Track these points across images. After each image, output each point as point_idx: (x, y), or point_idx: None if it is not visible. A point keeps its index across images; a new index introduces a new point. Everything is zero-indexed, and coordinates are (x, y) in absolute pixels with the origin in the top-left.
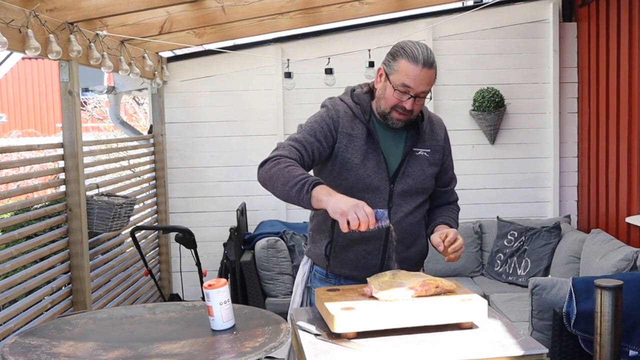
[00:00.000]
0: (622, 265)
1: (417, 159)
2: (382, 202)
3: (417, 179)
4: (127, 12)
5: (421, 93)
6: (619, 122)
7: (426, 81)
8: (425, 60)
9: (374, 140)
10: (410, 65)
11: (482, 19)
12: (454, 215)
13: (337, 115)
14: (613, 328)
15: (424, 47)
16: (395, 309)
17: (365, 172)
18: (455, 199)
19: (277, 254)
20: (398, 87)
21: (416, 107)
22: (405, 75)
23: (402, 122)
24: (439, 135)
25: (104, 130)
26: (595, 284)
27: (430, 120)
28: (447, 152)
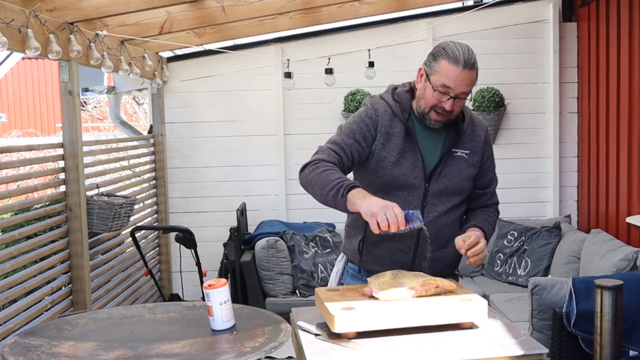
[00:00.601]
0: (622, 265)
1: (455, 159)
2: (417, 201)
3: (453, 180)
4: (127, 12)
5: (461, 94)
6: (619, 122)
7: (466, 82)
8: (466, 61)
9: (412, 139)
10: (450, 65)
11: (482, 19)
12: (490, 219)
13: (375, 114)
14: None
15: (466, 48)
16: (396, 309)
17: (400, 170)
18: (494, 202)
19: (277, 254)
20: (438, 87)
21: (456, 108)
22: (445, 76)
23: (441, 122)
24: (479, 136)
25: (104, 130)
26: (595, 284)
27: (471, 121)
28: (487, 154)
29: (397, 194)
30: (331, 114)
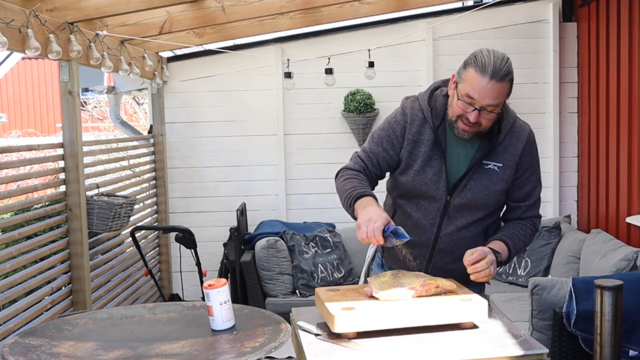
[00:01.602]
0: (622, 265)
1: (485, 172)
2: (435, 212)
3: (478, 194)
4: (127, 12)
5: (488, 106)
6: (619, 122)
7: (493, 95)
8: (495, 72)
9: (439, 148)
10: (477, 75)
11: (482, 19)
12: (521, 232)
13: (405, 120)
14: (613, 328)
15: (499, 58)
16: (396, 309)
17: (422, 179)
18: (530, 215)
19: (277, 254)
20: (463, 97)
21: (483, 120)
22: (470, 86)
23: (469, 133)
24: (516, 149)
25: (104, 130)
26: (595, 284)
27: (511, 131)
28: (524, 166)
29: (418, 202)
30: (331, 114)
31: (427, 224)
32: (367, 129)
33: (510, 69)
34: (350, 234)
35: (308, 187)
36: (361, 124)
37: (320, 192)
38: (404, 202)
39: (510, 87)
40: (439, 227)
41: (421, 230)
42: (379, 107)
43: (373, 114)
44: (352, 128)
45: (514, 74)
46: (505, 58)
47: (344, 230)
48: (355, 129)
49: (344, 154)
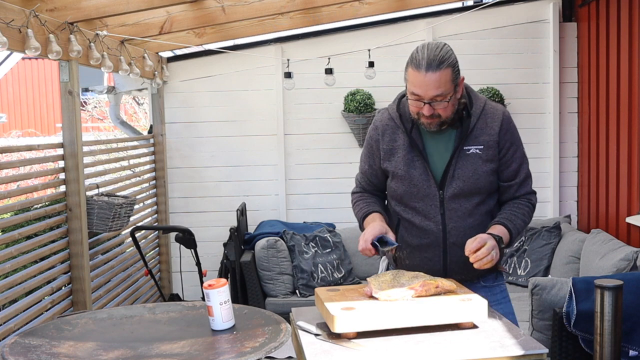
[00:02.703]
0: (622, 265)
1: (468, 158)
2: (434, 210)
3: (467, 180)
4: (127, 12)
5: (435, 97)
6: (619, 122)
7: (434, 85)
8: (429, 64)
9: (417, 148)
10: (413, 72)
11: (482, 19)
12: (519, 212)
13: (377, 133)
14: (613, 328)
15: (433, 49)
16: (395, 309)
17: (411, 182)
18: (524, 192)
19: (277, 254)
20: (411, 95)
21: (440, 111)
22: (411, 84)
23: (435, 125)
24: (492, 129)
25: (104, 130)
26: (596, 284)
27: (484, 113)
28: (506, 145)
29: (415, 206)
30: (331, 114)
31: (431, 224)
32: (367, 129)
33: (445, 55)
34: (350, 234)
35: (308, 187)
36: (361, 124)
37: (320, 192)
38: (403, 208)
39: (453, 71)
40: (443, 222)
41: (428, 232)
42: (379, 107)
43: (373, 114)
44: (352, 128)
45: (514, 74)
46: (439, 47)
47: (344, 230)
48: (355, 129)
49: (344, 154)
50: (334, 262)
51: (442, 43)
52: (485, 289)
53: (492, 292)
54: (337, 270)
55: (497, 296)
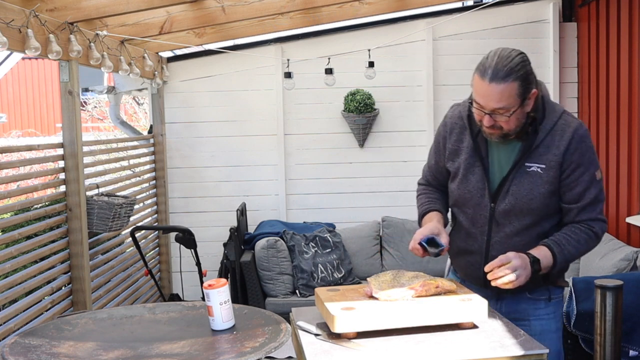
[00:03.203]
0: (622, 265)
1: (528, 175)
2: (483, 220)
3: (521, 199)
4: (127, 12)
5: (497, 110)
6: (619, 122)
7: (496, 97)
8: (494, 73)
9: (479, 154)
10: (478, 79)
11: (482, 19)
12: (572, 237)
13: (445, 130)
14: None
15: (504, 57)
16: (395, 309)
17: (466, 187)
18: (585, 218)
19: (277, 254)
20: (474, 102)
21: (502, 123)
22: (475, 91)
23: (497, 136)
24: (558, 148)
25: (104, 130)
26: (596, 284)
27: (555, 130)
28: (571, 165)
29: (466, 211)
30: (331, 114)
31: (476, 232)
32: (367, 129)
33: (515, 67)
34: (350, 234)
35: (308, 187)
36: (361, 124)
37: (320, 192)
38: (457, 210)
39: (521, 85)
40: (489, 234)
41: (473, 239)
42: (379, 107)
43: (373, 114)
44: (352, 128)
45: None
46: (511, 56)
47: (344, 230)
48: (355, 129)
49: (344, 154)
50: (334, 262)
51: (516, 52)
52: (529, 300)
53: (535, 305)
54: (337, 270)
55: (539, 311)
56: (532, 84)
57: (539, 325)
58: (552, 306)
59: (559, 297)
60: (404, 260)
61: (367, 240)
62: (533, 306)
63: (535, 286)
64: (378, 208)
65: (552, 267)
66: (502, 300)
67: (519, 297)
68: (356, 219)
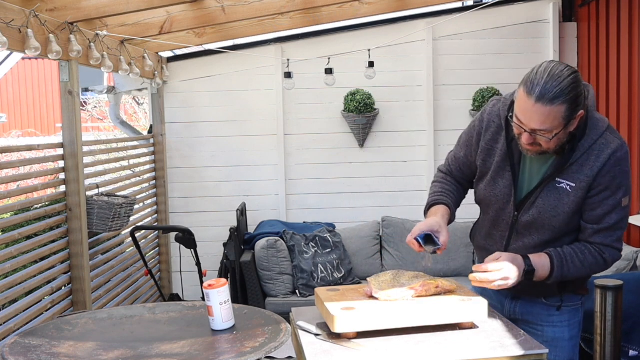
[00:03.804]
0: (622, 265)
1: (556, 191)
2: (505, 226)
3: (545, 214)
4: (127, 12)
5: (538, 131)
6: (619, 122)
7: (540, 119)
8: (542, 94)
9: (511, 160)
10: (524, 95)
11: (482, 19)
12: (578, 254)
13: (481, 126)
14: (613, 328)
15: (555, 76)
16: (395, 309)
17: (493, 191)
18: (597, 241)
19: (277, 254)
20: (515, 116)
21: (542, 142)
22: (518, 107)
23: (534, 153)
24: (592, 169)
25: (104, 130)
26: (595, 284)
27: (593, 149)
28: (599, 187)
29: (489, 213)
30: (331, 114)
31: (497, 235)
32: (367, 129)
33: (565, 89)
34: (350, 234)
35: (308, 187)
36: (361, 124)
37: (320, 192)
38: (482, 207)
39: (569, 108)
40: (508, 241)
41: (493, 240)
42: (379, 107)
43: (373, 114)
44: (352, 128)
45: (514, 74)
46: (563, 76)
47: (344, 230)
48: (355, 129)
49: (344, 154)
50: (334, 262)
51: (569, 71)
52: (544, 306)
53: (549, 312)
54: (337, 270)
55: (553, 317)
56: (580, 105)
57: (551, 332)
58: (567, 314)
59: (576, 304)
60: (404, 260)
61: (367, 240)
62: (547, 312)
63: (551, 293)
64: (378, 208)
65: (547, 278)
66: (517, 301)
67: (534, 301)
68: (356, 219)
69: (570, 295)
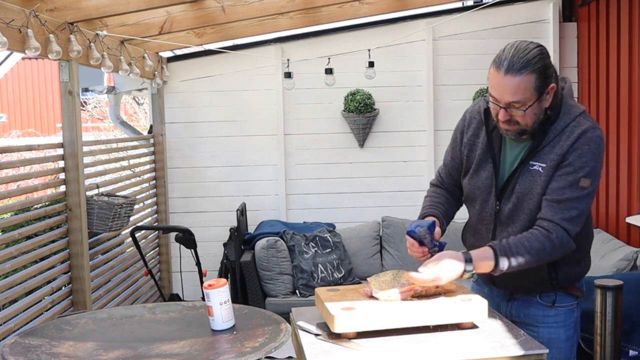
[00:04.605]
0: (622, 265)
1: (530, 174)
2: (489, 218)
3: (523, 198)
4: (127, 12)
5: (513, 103)
6: (619, 122)
7: (511, 90)
8: (510, 66)
9: (492, 151)
10: (493, 71)
11: (482, 19)
12: (522, 241)
13: (463, 124)
14: (613, 328)
15: (521, 49)
16: (395, 309)
17: (476, 183)
18: (548, 217)
19: (277, 254)
20: (490, 96)
21: (519, 118)
22: (490, 84)
23: (512, 132)
24: (562, 148)
25: (104, 130)
26: (596, 284)
27: (565, 131)
28: (564, 163)
29: (475, 207)
30: (331, 114)
31: (483, 229)
32: (367, 129)
33: (532, 59)
34: (350, 234)
35: (308, 187)
36: (361, 124)
37: (320, 192)
38: (468, 205)
39: (537, 78)
40: (493, 233)
41: (479, 235)
42: (379, 107)
43: (373, 114)
44: (352, 128)
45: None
46: (529, 49)
47: (344, 230)
48: (355, 129)
49: (344, 154)
50: (334, 262)
51: (535, 44)
52: (539, 305)
53: (544, 312)
54: (337, 270)
55: (548, 318)
56: (551, 77)
57: (547, 333)
58: (563, 314)
59: (572, 305)
60: (404, 260)
61: (367, 240)
62: (542, 312)
63: (544, 290)
64: (378, 208)
65: (494, 268)
66: (513, 301)
67: (529, 300)
68: (356, 219)
69: (564, 295)
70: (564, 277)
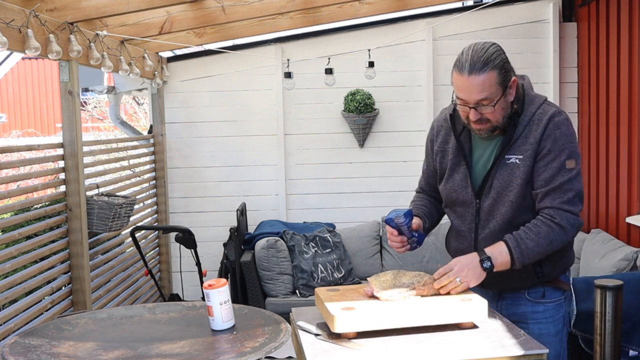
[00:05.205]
0: (622, 265)
1: (507, 167)
2: (470, 217)
3: (502, 191)
4: (127, 12)
5: (481, 101)
6: (619, 122)
7: (477, 89)
8: (472, 66)
9: (463, 152)
10: (457, 75)
11: (482, 19)
12: (530, 231)
13: (432, 134)
14: (613, 328)
15: (478, 50)
16: (396, 309)
17: (452, 186)
18: (548, 205)
19: (277, 254)
20: (457, 100)
21: (489, 115)
22: (456, 88)
23: (485, 131)
24: (534, 137)
25: (104, 130)
26: (595, 284)
27: (533, 120)
28: (543, 150)
29: (455, 210)
30: (331, 114)
31: (465, 229)
32: (367, 129)
33: (490, 56)
34: (350, 234)
35: (308, 187)
36: (361, 124)
37: (320, 192)
38: (447, 210)
39: (499, 74)
40: (476, 232)
41: (463, 237)
42: (379, 107)
43: (373, 114)
44: (352, 128)
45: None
46: (485, 48)
47: (344, 230)
48: (355, 129)
49: (344, 154)
50: (334, 262)
51: (489, 43)
52: (528, 302)
53: (534, 308)
54: (337, 270)
55: (537, 314)
56: (510, 72)
57: (536, 328)
58: (552, 309)
59: (559, 299)
60: (404, 260)
61: (367, 240)
62: (531, 309)
63: (532, 284)
64: (378, 208)
65: (512, 263)
66: (502, 301)
67: (518, 297)
68: (356, 219)
69: (552, 289)
70: (549, 270)
